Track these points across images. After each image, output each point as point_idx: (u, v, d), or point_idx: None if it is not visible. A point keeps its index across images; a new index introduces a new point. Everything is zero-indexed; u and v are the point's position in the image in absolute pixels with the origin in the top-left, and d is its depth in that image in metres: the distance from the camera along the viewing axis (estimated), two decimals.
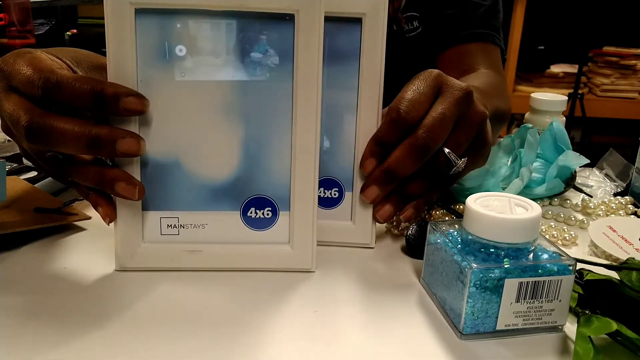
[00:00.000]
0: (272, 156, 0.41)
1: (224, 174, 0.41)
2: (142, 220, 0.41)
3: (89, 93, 0.37)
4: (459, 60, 0.77)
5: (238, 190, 0.42)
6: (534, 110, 0.71)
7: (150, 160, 0.41)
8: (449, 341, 0.35)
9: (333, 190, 0.46)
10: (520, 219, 0.35)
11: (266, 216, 0.42)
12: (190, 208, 0.42)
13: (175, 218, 0.42)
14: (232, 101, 0.40)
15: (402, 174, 0.43)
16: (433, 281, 0.39)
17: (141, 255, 0.42)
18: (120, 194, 0.39)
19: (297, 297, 0.40)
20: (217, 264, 0.42)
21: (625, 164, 0.65)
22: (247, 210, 0.42)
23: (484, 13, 0.79)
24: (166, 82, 0.39)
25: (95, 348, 0.33)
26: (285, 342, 0.35)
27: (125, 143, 0.37)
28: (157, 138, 0.40)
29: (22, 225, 0.46)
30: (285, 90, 0.40)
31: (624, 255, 0.44)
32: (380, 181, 0.44)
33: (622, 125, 2.23)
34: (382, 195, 0.44)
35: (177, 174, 0.41)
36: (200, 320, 0.37)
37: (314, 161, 0.41)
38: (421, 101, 0.43)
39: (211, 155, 0.41)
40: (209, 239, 0.42)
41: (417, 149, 0.42)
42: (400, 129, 0.42)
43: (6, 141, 0.73)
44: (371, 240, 0.46)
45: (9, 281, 0.41)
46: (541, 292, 0.35)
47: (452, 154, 0.43)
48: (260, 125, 0.41)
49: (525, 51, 2.13)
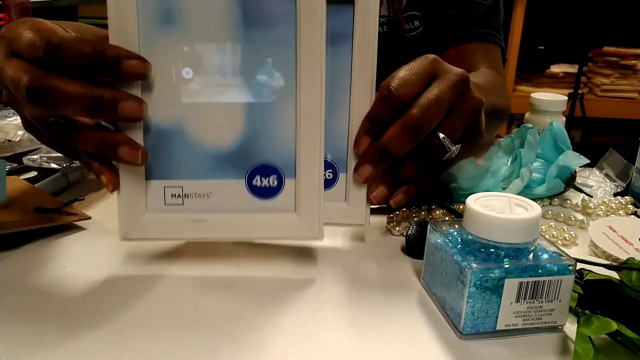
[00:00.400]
0: (277, 122, 0.40)
1: (229, 141, 0.40)
2: (146, 190, 0.41)
3: (91, 54, 0.36)
4: (460, 60, 0.77)
5: (243, 157, 0.41)
6: (534, 110, 0.71)
7: (153, 128, 0.40)
8: (449, 341, 0.35)
9: (327, 172, 0.45)
10: (520, 219, 0.35)
11: (272, 184, 0.41)
12: (194, 177, 0.41)
13: (179, 187, 0.41)
14: (234, 61, 0.39)
15: (395, 153, 0.42)
16: (433, 281, 0.39)
17: (145, 225, 0.41)
18: (122, 159, 0.38)
19: (297, 297, 0.40)
20: (222, 233, 0.41)
21: (625, 164, 0.65)
22: (253, 178, 0.41)
23: (484, 13, 0.79)
24: (166, 42, 0.39)
25: (95, 348, 0.34)
26: (285, 342, 0.35)
27: (127, 105, 0.37)
28: (160, 104, 0.39)
29: (22, 225, 0.46)
30: (289, 52, 0.39)
31: (624, 255, 0.44)
32: (373, 159, 0.43)
33: (622, 125, 2.23)
34: (376, 175, 0.44)
35: (180, 142, 0.40)
36: (200, 320, 0.37)
37: (320, 126, 0.40)
38: (413, 80, 0.42)
39: (215, 121, 0.40)
40: (214, 208, 0.41)
41: (411, 128, 0.41)
42: (391, 107, 0.42)
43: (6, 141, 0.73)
44: (365, 220, 0.45)
45: (9, 281, 0.41)
46: (541, 292, 0.35)
47: (446, 139, 0.43)
48: (264, 89, 0.40)
49: (525, 51, 2.14)
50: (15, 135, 0.74)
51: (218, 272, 0.42)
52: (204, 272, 0.42)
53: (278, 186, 0.41)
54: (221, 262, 0.44)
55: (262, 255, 0.45)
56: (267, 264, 0.44)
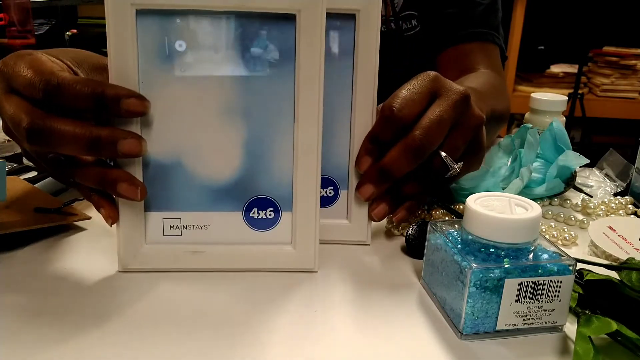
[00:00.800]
0: (274, 156, 0.41)
1: (226, 174, 0.41)
2: (145, 221, 0.41)
3: (90, 95, 0.37)
4: (459, 60, 0.77)
5: (240, 190, 0.42)
6: (534, 110, 0.71)
7: (152, 161, 0.41)
8: (449, 341, 0.35)
9: (328, 189, 0.46)
10: (520, 219, 0.35)
11: (269, 216, 0.42)
12: (192, 209, 0.42)
13: (177, 219, 0.42)
14: (233, 98, 0.40)
15: (397, 174, 0.43)
16: (433, 281, 0.39)
17: (144, 256, 0.41)
18: (122, 195, 0.39)
19: (297, 297, 0.40)
20: (219, 264, 0.42)
21: (625, 164, 0.65)
22: (250, 210, 0.42)
23: (483, 12, 0.79)
24: (167, 81, 0.39)
25: (95, 348, 0.33)
26: (285, 342, 0.35)
27: (126, 144, 0.37)
28: (159, 138, 0.40)
29: (22, 225, 0.46)
30: (287, 88, 0.40)
31: (624, 255, 0.44)
32: (375, 180, 0.44)
33: (622, 125, 2.23)
34: (377, 194, 0.44)
35: (179, 174, 0.41)
36: (201, 321, 0.37)
37: (316, 160, 0.41)
38: (415, 100, 0.43)
39: (213, 155, 0.41)
40: (212, 239, 0.42)
41: (413, 150, 0.42)
42: (393, 127, 0.42)
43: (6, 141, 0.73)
44: (367, 238, 0.47)
45: (9, 281, 0.41)
46: (541, 292, 0.35)
47: (448, 158, 0.43)
48: (261, 125, 0.41)
49: (525, 51, 2.13)
50: None
51: (218, 273, 0.42)
52: (204, 273, 0.42)
53: (275, 218, 0.42)
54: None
55: None
56: None
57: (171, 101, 0.40)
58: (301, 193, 0.41)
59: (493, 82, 0.71)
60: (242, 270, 0.42)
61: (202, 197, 0.41)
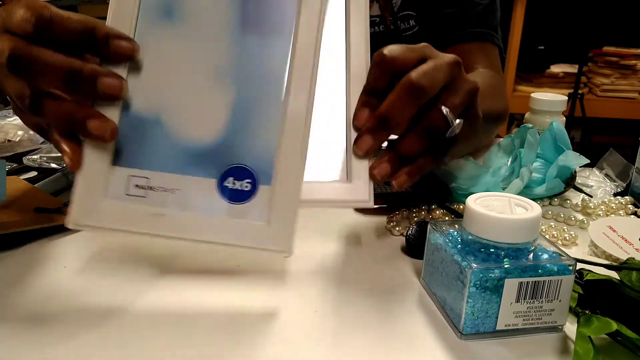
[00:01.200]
0: (260, 124, 0.39)
1: (207, 137, 0.39)
2: (108, 175, 0.38)
3: (81, 29, 0.36)
4: None
5: (219, 156, 0.39)
6: (534, 110, 0.71)
7: (130, 114, 0.38)
8: (449, 341, 0.35)
9: None
10: (520, 219, 0.35)
11: (244, 188, 0.39)
12: (162, 169, 0.38)
13: (145, 178, 0.38)
14: (226, 60, 0.39)
15: (396, 120, 0.41)
16: (433, 281, 0.39)
17: (99, 213, 0.37)
18: (90, 132, 0.37)
19: (297, 297, 0.40)
20: (182, 232, 0.38)
21: (625, 164, 0.65)
22: (225, 179, 0.39)
23: (481, 12, 0.79)
24: (161, 36, 0.39)
25: (95, 348, 0.34)
26: (285, 342, 0.35)
27: (107, 81, 0.36)
28: (143, 91, 0.38)
29: (22, 225, 0.46)
30: (282, 55, 0.39)
31: (624, 255, 0.44)
32: (373, 129, 0.42)
33: (622, 125, 2.23)
34: (376, 146, 0.42)
35: (155, 131, 0.38)
36: (200, 321, 0.37)
37: (304, 133, 0.39)
38: (405, 49, 0.42)
39: (196, 116, 0.39)
40: (178, 205, 0.38)
41: (411, 91, 0.40)
42: (386, 72, 0.41)
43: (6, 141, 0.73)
44: (369, 198, 0.42)
45: (9, 281, 0.41)
46: (541, 292, 0.35)
47: (449, 112, 0.42)
48: (251, 89, 0.39)
49: (525, 51, 2.13)
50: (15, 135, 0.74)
51: (218, 272, 0.42)
52: (204, 272, 0.42)
53: (251, 191, 0.39)
54: (221, 262, 0.44)
55: (263, 255, 0.45)
56: (267, 264, 0.44)
57: (162, 56, 0.39)
58: (284, 167, 0.38)
59: (490, 82, 0.71)
60: (206, 241, 0.38)
61: (175, 159, 0.38)
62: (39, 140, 0.73)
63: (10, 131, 0.74)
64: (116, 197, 0.38)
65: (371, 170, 0.43)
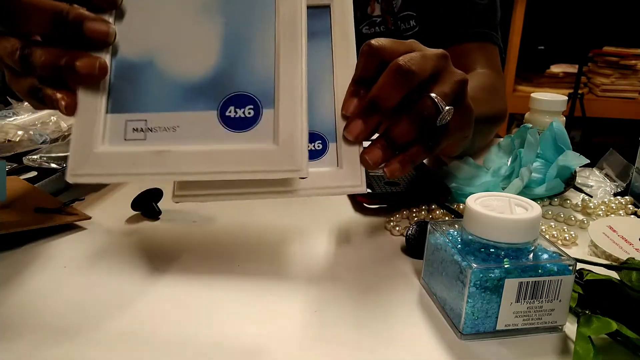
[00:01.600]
0: (254, 50, 0.38)
1: (201, 70, 0.38)
2: (105, 123, 0.37)
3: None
4: (457, 61, 0.77)
5: (216, 87, 0.38)
6: (534, 110, 0.71)
7: (122, 60, 0.38)
8: (449, 341, 0.35)
9: (317, 143, 0.43)
10: (520, 219, 0.35)
11: (247, 115, 0.37)
12: (160, 109, 0.37)
13: (142, 121, 0.37)
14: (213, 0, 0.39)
15: (385, 102, 0.41)
16: (433, 281, 0.39)
17: (98, 158, 0.36)
18: (79, 72, 0.37)
19: (297, 297, 0.40)
20: (188, 167, 0.36)
21: (625, 164, 0.65)
22: (226, 109, 0.37)
23: (482, 12, 0.79)
24: None
25: (95, 348, 0.34)
26: (285, 342, 0.35)
27: (93, 25, 0.37)
28: (131, 36, 0.38)
29: (22, 225, 0.46)
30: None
31: (624, 255, 0.44)
32: (363, 113, 0.42)
33: (622, 125, 2.23)
34: (366, 132, 0.42)
35: (149, 73, 0.38)
36: (200, 320, 0.37)
37: (301, 44, 0.38)
38: (392, 40, 0.42)
39: (188, 51, 0.38)
40: (181, 141, 0.37)
41: (399, 73, 0.40)
42: (374, 61, 0.42)
43: (6, 141, 0.73)
44: (362, 182, 0.42)
45: (9, 281, 0.41)
46: (541, 292, 0.35)
47: (438, 98, 0.42)
48: (241, 18, 0.39)
49: (525, 51, 2.13)
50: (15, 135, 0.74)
51: (219, 271, 0.42)
52: (204, 271, 0.42)
53: (255, 117, 0.37)
54: (222, 261, 0.44)
55: (262, 255, 0.45)
56: (267, 264, 0.44)
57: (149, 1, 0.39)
58: (285, 85, 0.37)
59: (486, 84, 0.71)
60: (215, 173, 0.36)
61: (172, 97, 0.37)
62: (39, 140, 0.73)
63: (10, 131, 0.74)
64: (115, 143, 0.37)
65: (363, 155, 0.42)
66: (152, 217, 0.52)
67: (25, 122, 0.75)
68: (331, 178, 0.41)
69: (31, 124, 0.75)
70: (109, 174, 0.36)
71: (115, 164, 0.36)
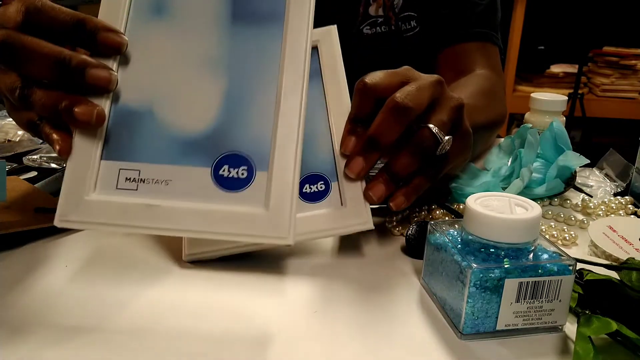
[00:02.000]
0: (253, 110, 0.38)
1: (199, 125, 0.38)
2: (98, 170, 0.37)
3: (70, 20, 0.37)
4: (457, 60, 0.77)
5: (213, 144, 0.38)
6: (534, 110, 0.70)
7: (122, 107, 0.38)
8: (449, 341, 0.35)
9: (319, 184, 0.44)
10: (520, 219, 0.35)
11: (241, 175, 0.37)
12: (154, 161, 0.37)
13: (135, 171, 0.37)
14: (217, 49, 0.39)
15: (384, 140, 0.42)
16: (433, 281, 0.39)
17: (88, 206, 0.36)
18: (77, 118, 0.36)
19: (297, 297, 0.40)
20: (177, 224, 0.36)
21: (625, 164, 0.65)
22: (220, 167, 0.37)
23: (482, 12, 0.79)
24: (152, 27, 0.39)
25: (96, 348, 0.34)
26: (285, 342, 0.35)
27: (96, 72, 0.37)
28: (133, 84, 0.38)
29: (22, 225, 0.46)
30: (274, 42, 0.39)
31: (624, 255, 0.44)
32: (363, 150, 0.43)
33: (622, 125, 2.23)
34: (367, 168, 0.43)
35: (147, 123, 0.38)
36: (201, 320, 0.37)
37: (300, 113, 0.38)
38: (386, 75, 0.43)
39: (188, 105, 0.38)
40: (172, 196, 0.37)
41: (396, 110, 0.41)
42: (369, 99, 0.42)
43: (6, 141, 0.73)
44: (367, 219, 0.43)
45: (9, 281, 0.41)
46: (541, 292, 0.35)
47: (436, 128, 0.43)
48: (243, 76, 0.39)
49: (525, 51, 2.13)
50: (15, 135, 0.74)
51: (219, 271, 0.42)
52: (205, 272, 0.42)
53: (248, 178, 0.37)
54: (222, 262, 0.44)
55: (262, 256, 0.45)
56: (267, 265, 0.44)
57: (153, 49, 0.39)
58: (281, 149, 0.37)
59: (485, 87, 0.70)
60: (203, 232, 0.36)
61: (168, 149, 0.38)
62: (39, 141, 0.73)
63: (10, 131, 0.74)
64: (105, 191, 0.37)
65: (366, 191, 0.44)
66: None
67: None
68: (337, 218, 0.43)
69: None
70: (98, 222, 0.36)
71: (105, 213, 0.36)
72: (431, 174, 0.45)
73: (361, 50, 0.74)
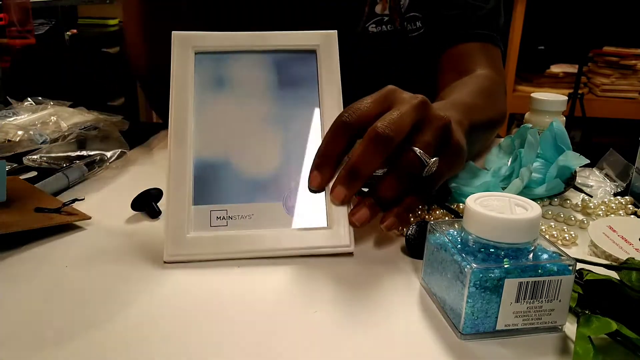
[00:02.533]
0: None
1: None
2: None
3: None
4: (459, 61, 0.77)
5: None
6: (534, 110, 0.70)
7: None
8: (448, 341, 0.35)
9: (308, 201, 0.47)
10: (520, 219, 0.35)
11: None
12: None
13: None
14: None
15: (365, 170, 0.43)
16: (433, 281, 0.39)
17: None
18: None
19: (297, 297, 0.40)
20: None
21: (625, 164, 0.65)
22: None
23: (485, 15, 0.79)
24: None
25: (96, 348, 0.34)
26: (285, 342, 0.35)
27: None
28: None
29: (22, 225, 0.46)
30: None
31: (624, 255, 0.44)
32: (345, 180, 0.44)
33: (622, 125, 2.23)
34: (350, 195, 0.44)
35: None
36: (200, 321, 0.37)
37: None
38: (365, 105, 0.44)
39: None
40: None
41: (376, 140, 0.42)
42: (345, 136, 0.44)
43: (6, 141, 0.73)
44: (350, 242, 0.45)
45: (9, 281, 0.41)
46: (541, 292, 0.35)
47: (421, 153, 0.43)
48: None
49: (525, 51, 2.14)
50: (15, 135, 0.74)
51: (218, 271, 0.42)
52: (206, 273, 0.42)
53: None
54: (221, 264, 0.44)
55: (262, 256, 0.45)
56: (267, 265, 0.44)
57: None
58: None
59: (485, 87, 0.70)
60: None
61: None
62: (39, 141, 0.73)
63: (10, 131, 0.74)
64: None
65: (350, 216, 0.45)
66: (152, 217, 0.52)
67: (25, 122, 0.75)
68: (322, 238, 0.46)
69: (31, 124, 0.75)
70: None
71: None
72: (422, 192, 0.46)
73: (366, 48, 0.74)
